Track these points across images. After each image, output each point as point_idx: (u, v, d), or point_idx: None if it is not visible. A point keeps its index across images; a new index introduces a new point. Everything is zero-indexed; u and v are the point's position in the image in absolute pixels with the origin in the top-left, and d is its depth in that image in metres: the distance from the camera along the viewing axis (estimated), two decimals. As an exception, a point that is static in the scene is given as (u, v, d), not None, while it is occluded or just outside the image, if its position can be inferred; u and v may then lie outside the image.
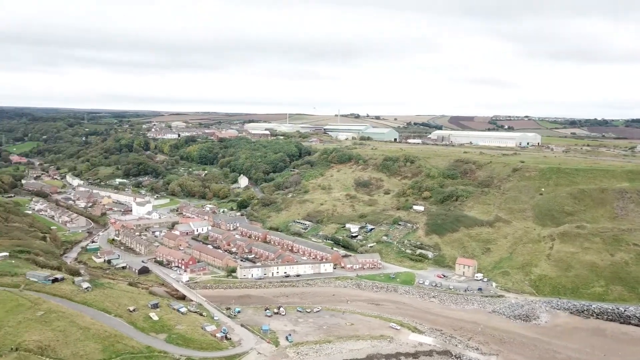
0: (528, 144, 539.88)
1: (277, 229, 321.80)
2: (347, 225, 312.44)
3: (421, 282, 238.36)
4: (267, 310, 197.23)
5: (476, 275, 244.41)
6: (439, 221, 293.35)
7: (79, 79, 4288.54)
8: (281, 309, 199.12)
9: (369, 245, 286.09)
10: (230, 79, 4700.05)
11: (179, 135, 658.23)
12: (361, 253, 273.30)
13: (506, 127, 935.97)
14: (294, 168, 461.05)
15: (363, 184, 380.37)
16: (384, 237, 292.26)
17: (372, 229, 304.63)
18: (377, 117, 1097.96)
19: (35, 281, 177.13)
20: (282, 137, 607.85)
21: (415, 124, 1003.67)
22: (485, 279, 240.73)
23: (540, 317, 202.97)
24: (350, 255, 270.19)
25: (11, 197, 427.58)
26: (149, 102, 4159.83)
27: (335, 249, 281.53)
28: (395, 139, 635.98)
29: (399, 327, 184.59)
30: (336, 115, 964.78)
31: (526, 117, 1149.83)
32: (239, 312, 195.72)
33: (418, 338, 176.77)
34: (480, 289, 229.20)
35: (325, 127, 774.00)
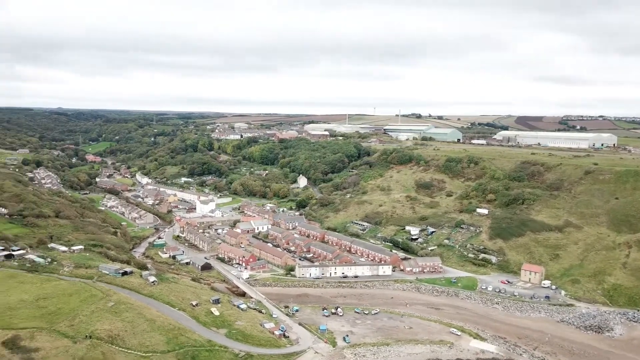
0: (602, 145, 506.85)
1: (335, 230, 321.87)
2: (407, 228, 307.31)
3: (484, 287, 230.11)
4: (325, 310, 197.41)
5: (543, 282, 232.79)
6: (503, 225, 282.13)
7: (148, 83, 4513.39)
8: (339, 309, 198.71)
9: (429, 248, 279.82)
10: (292, 81, 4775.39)
11: (241, 136, 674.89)
12: (421, 256, 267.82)
13: (578, 127, 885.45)
14: (352, 169, 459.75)
15: (424, 186, 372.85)
16: (446, 241, 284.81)
17: (433, 231, 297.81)
18: (440, 117, 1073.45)
19: (107, 273, 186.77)
20: (341, 138, 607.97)
21: (479, 124, 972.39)
22: (553, 287, 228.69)
23: (615, 329, 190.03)
24: (410, 258, 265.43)
25: (86, 194, 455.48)
26: (214, 103, 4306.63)
27: (394, 251, 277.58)
28: (458, 140, 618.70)
29: (459, 333, 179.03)
30: (397, 116, 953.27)
31: (601, 116, 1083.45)
32: (297, 310, 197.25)
33: (480, 345, 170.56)
34: (547, 297, 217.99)
35: (385, 128, 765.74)
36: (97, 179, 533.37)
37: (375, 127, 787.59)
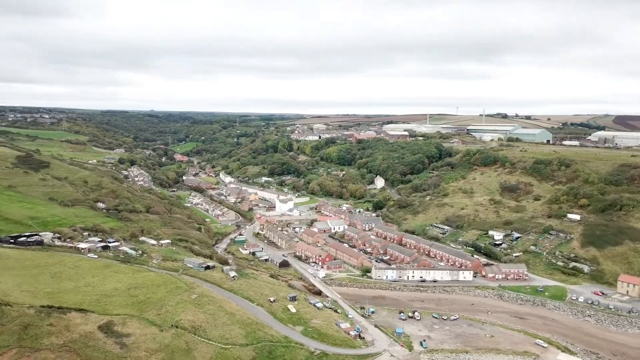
0: None
1: (413, 232, 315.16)
2: (490, 232, 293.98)
3: (574, 298, 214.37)
4: (402, 314, 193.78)
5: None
6: (598, 232, 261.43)
7: (232, 85, 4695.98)
8: (416, 313, 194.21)
9: (514, 254, 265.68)
10: (370, 81, 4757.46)
11: (319, 137, 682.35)
12: (505, 262, 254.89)
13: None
14: (432, 170, 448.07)
15: (510, 189, 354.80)
16: (532, 247, 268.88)
17: (518, 237, 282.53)
18: (528, 117, 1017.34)
19: (191, 267, 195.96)
20: (421, 138, 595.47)
21: (572, 124, 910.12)
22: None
23: None
24: (493, 264, 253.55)
25: (174, 191, 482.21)
26: (294, 105, 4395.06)
27: (475, 256, 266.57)
28: (547, 141, 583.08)
29: (546, 345, 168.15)
30: (481, 115, 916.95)
31: None
32: (372, 312, 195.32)
33: (569, 359, 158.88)
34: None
35: (468, 128, 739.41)
36: (184, 178, 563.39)
37: (457, 128, 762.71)
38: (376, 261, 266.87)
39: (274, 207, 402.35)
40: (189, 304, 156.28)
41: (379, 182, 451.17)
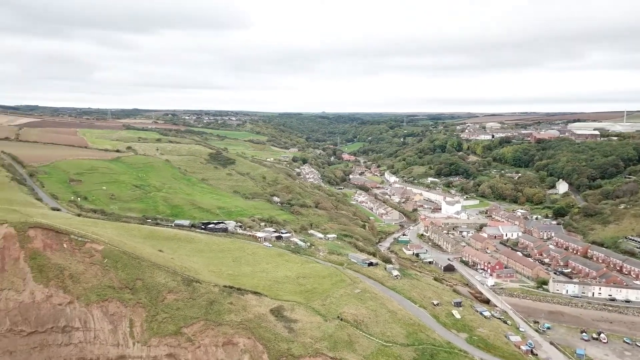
0: None
1: (601, 244, 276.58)
2: None
3: None
4: (584, 334, 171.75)
5: None
6: None
7: (398, 85, 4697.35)
8: (602, 335, 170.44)
9: None
10: (550, 76, 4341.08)
11: (492, 136, 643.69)
12: None
13: None
14: (629, 174, 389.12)
15: None
16: None
17: None
18: None
19: (355, 262, 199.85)
20: (615, 138, 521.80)
21: None
22: None
23: None
24: None
25: (341, 189, 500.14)
26: (464, 103, 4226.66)
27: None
28: None
29: None
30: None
31: None
32: (548, 328, 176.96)
33: None
34: None
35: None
36: (350, 176, 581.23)
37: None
38: (554, 273, 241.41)
39: (440, 208, 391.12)
40: (352, 297, 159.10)
41: (562, 187, 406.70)
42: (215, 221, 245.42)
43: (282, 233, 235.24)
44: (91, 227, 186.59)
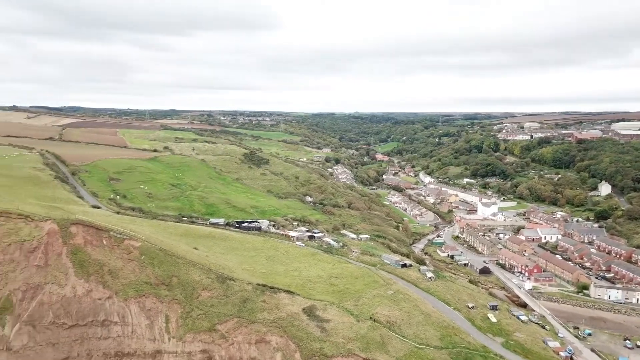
0: None
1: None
2: None
3: None
4: (628, 341, 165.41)
5: None
6: None
7: (433, 85, 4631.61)
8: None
9: None
10: (592, 75, 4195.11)
11: (531, 137, 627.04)
12: None
13: None
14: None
15: None
16: None
17: None
18: None
19: (388, 263, 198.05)
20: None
21: None
22: None
23: None
24: None
25: (374, 189, 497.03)
26: (501, 103, 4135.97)
27: None
28: None
29: None
30: None
31: None
32: (589, 334, 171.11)
33: None
34: None
35: None
36: (384, 176, 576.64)
37: None
38: (596, 278, 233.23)
39: (476, 210, 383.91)
40: (385, 299, 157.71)
41: (604, 189, 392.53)
42: (249, 220, 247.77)
43: (315, 233, 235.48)
44: (129, 224, 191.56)
